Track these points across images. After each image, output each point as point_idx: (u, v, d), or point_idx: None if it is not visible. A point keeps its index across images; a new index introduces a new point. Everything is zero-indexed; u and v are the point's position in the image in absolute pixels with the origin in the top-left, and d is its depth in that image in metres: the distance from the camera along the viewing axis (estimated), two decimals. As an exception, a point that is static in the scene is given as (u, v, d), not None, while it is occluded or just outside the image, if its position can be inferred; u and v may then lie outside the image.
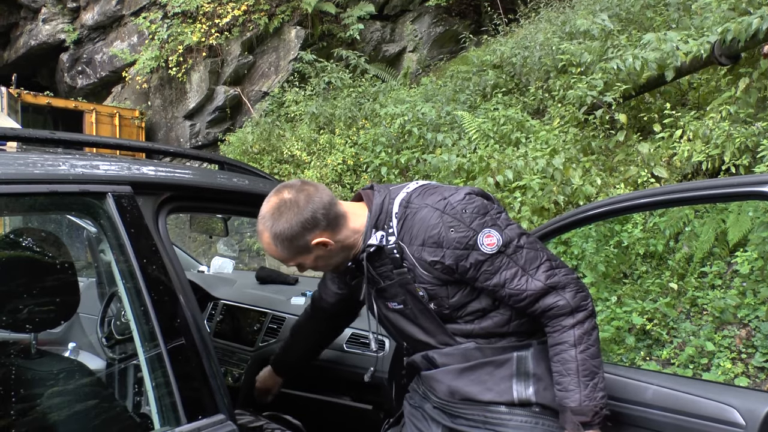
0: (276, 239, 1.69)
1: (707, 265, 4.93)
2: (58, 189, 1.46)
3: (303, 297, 3.29)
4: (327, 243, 1.72)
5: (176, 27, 12.70)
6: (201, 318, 1.60)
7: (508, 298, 1.73)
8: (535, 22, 9.95)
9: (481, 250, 1.68)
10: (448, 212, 1.70)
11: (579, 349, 1.70)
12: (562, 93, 7.32)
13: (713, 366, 4.22)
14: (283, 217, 1.67)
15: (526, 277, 1.70)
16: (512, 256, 1.70)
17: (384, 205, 1.78)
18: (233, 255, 9.45)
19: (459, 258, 1.68)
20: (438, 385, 1.88)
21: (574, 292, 1.73)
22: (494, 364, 1.80)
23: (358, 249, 1.81)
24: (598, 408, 1.70)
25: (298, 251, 1.72)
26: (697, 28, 6.77)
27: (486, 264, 1.69)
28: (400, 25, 13.82)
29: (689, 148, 5.68)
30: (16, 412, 1.55)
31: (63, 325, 2.60)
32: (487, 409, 1.80)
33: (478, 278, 1.71)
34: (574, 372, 1.70)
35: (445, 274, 1.72)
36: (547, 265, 1.73)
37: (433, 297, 1.77)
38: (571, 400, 1.70)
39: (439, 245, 1.68)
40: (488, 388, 1.80)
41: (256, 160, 10.32)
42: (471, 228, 1.68)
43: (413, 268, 1.74)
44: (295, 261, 1.76)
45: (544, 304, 1.72)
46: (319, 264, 1.80)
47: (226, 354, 3.26)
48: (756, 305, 4.36)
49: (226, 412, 1.51)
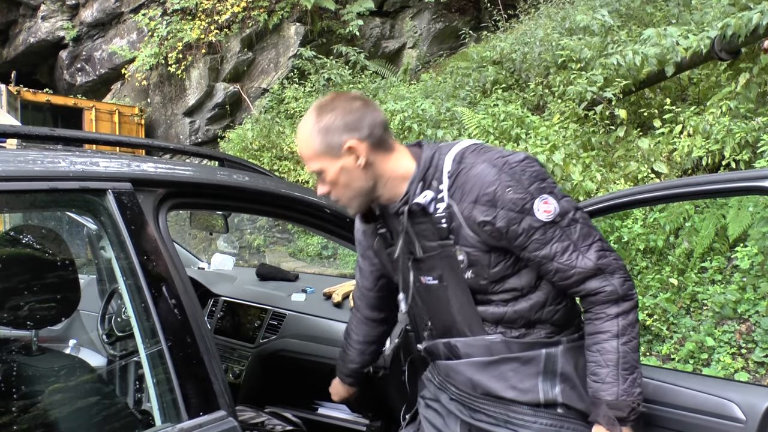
0: (314, 127, 1.62)
1: (707, 260, 4.93)
2: (58, 186, 1.46)
3: (303, 293, 3.30)
4: (358, 153, 1.61)
5: (175, 24, 12.69)
6: (201, 315, 1.60)
7: (554, 273, 1.63)
8: (534, 18, 9.94)
9: (536, 216, 1.57)
10: (506, 171, 1.58)
11: (621, 341, 1.61)
12: (562, 89, 7.32)
13: (713, 361, 4.23)
14: (333, 111, 1.62)
15: (577, 254, 1.60)
16: (566, 228, 1.60)
17: (434, 160, 1.67)
18: (233, 252, 9.46)
19: (511, 221, 1.57)
20: (458, 377, 1.79)
21: (623, 280, 1.63)
22: (520, 360, 1.70)
23: (394, 198, 1.70)
24: (635, 404, 1.62)
25: (328, 150, 1.62)
26: (697, 23, 6.76)
27: (538, 232, 1.59)
28: (399, 22, 13.81)
29: (689, 143, 5.67)
30: (18, 408, 1.55)
31: (64, 322, 2.60)
32: (510, 408, 1.71)
33: (526, 246, 1.60)
34: (613, 364, 1.61)
35: (492, 238, 1.61)
36: (599, 245, 1.63)
37: (473, 264, 1.65)
38: (608, 393, 1.61)
39: (493, 204, 1.57)
40: (512, 386, 1.70)
41: (256, 157, 10.32)
42: (528, 191, 1.58)
43: (459, 228, 1.63)
44: (320, 162, 1.63)
45: (590, 287, 1.63)
46: (340, 180, 1.64)
47: (227, 351, 3.27)
48: (756, 300, 4.36)
49: (227, 409, 1.52)
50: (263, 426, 2.66)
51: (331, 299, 3.16)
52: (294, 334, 3.05)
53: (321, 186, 1.69)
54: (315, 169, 1.65)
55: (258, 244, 9.98)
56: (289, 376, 3.13)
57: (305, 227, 2.29)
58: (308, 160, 1.66)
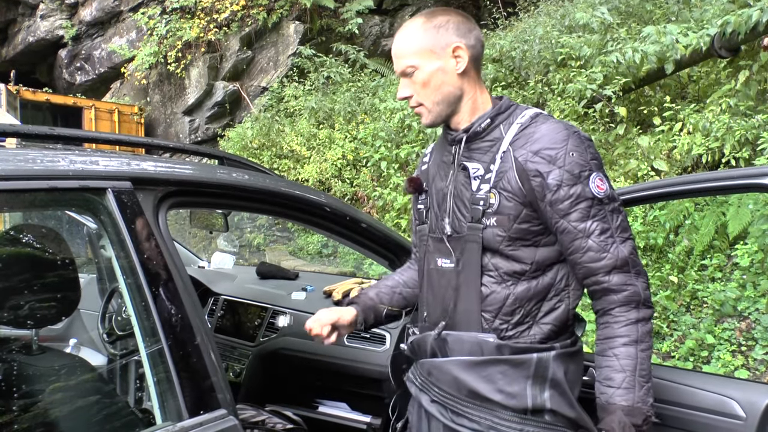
0: (424, 24, 1.67)
1: (707, 258, 4.94)
2: (58, 185, 1.45)
3: (303, 292, 3.30)
4: (460, 57, 1.66)
5: (175, 22, 12.69)
6: (202, 313, 1.60)
7: (585, 252, 1.59)
8: (534, 16, 9.94)
9: (589, 187, 1.57)
10: (576, 137, 1.61)
11: (640, 347, 1.57)
12: (561, 86, 7.32)
13: (713, 358, 4.23)
14: (447, 14, 1.69)
15: (613, 240, 1.58)
16: (610, 213, 1.60)
17: (511, 108, 1.71)
18: (234, 250, 9.45)
19: (564, 182, 1.56)
20: (443, 376, 1.72)
21: (646, 285, 1.62)
22: (510, 363, 1.64)
23: (462, 123, 1.73)
24: (649, 413, 1.56)
25: (433, 46, 1.65)
26: (697, 20, 6.76)
27: (585, 203, 1.57)
28: (399, 20, 13.80)
29: (689, 141, 5.67)
30: (18, 408, 1.56)
31: (64, 321, 2.60)
32: (496, 413, 1.63)
33: (569, 214, 1.58)
34: (631, 370, 1.56)
35: (535, 192, 1.59)
36: (633, 243, 1.63)
37: (500, 211, 1.62)
38: (624, 399, 1.55)
39: (553, 161, 1.57)
40: (499, 389, 1.63)
41: (256, 156, 10.32)
42: (590, 162, 1.59)
43: (505, 171, 1.62)
44: (418, 58, 1.66)
45: (614, 281, 1.59)
46: (432, 81, 1.67)
47: (227, 349, 3.27)
48: (756, 298, 4.37)
49: (228, 407, 1.52)
50: (264, 424, 2.66)
51: (331, 297, 3.16)
52: (294, 333, 3.05)
53: (404, 88, 1.70)
54: (408, 65, 1.66)
55: (258, 243, 9.99)
56: (289, 374, 3.14)
57: (305, 226, 2.28)
58: (404, 56, 1.67)
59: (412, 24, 1.69)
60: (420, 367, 1.83)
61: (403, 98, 1.71)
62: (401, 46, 1.68)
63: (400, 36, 1.70)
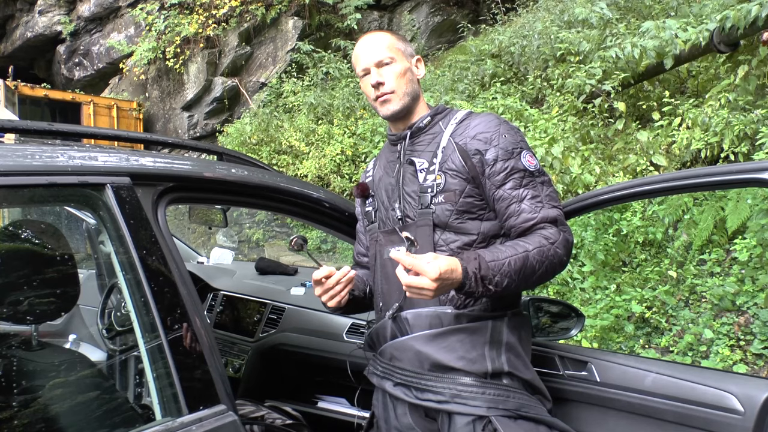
0: (395, 34, 2.00)
1: (706, 252, 4.94)
2: (57, 181, 1.45)
3: (303, 287, 3.30)
4: (419, 67, 2.02)
5: (173, 18, 12.67)
6: (201, 309, 1.60)
7: (519, 214, 1.77)
8: (533, 11, 9.92)
9: (521, 161, 1.80)
10: (506, 124, 1.87)
11: (533, 252, 1.69)
12: (560, 82, 7.31)
13: (712, 353, 4.24)
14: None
15: (542, 205, 1.78)
16: (540, 185, 1.81)
17: (447, 110, 2.00)
18: (233, 246, 9.47)
19: (500, 157, 1.79)
20: (404, 354, 1.83)
21: (567, 242, 1.77)
22: (467, 330, 1.78)
23: (409, 122, 1.98)
24: (488, 283, 1.63)
25: (405, 50, 1.97)
26: (696, 15, 6.75)
27: (518, 174, 1.79)
28: (397, 15, 13.78)
29: (688, 135, 5.67)
30: (18, 403, 1.56)
31: (63, 316, 2.60)
32: (458, 381, 1.75)
33: (504, 183, 1.78)
34: (517, 258, 1.67)
35: (476, 168, 1.81)
36: (561, 211, 1.82)
37: (447, 188, 1.82)
38: (488, 260, 1.65)
39: (489, 142, 1.81)
40: (460, 356, 1.76)
41: (255, 151, 10.31)
42: (520, 142, 1.84)
43: (449, 155, 1.85)
44: (396, 53, 1.92)
45: (543, 231, 1.76)
46: (406, 75, 1.93)
47: (227, 345, 3.28)
48: (754, 292, 4.37)
49: (228, 403, 1.52)
50: (263, 420, 2.67)
51: None
52: (293, 328, 3.05)
53: (379, 76, 1.91)
54: (388, 56, 1.91)
55: (257, 238, 9.99)
56: (288, 369, 3.14)
57: (304, 221, 2.28)
58: (382, 49, 1.92)
59: (382, 32, 2.01)
60: (381, 355, 1.93)
61: (379, 83, 1.90)
62: (379, 41, 1.94)
63: (374, 36, 1.97)
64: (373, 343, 1.99)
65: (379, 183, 2.04)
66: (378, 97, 1.93)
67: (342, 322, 2.91)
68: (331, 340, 2.89)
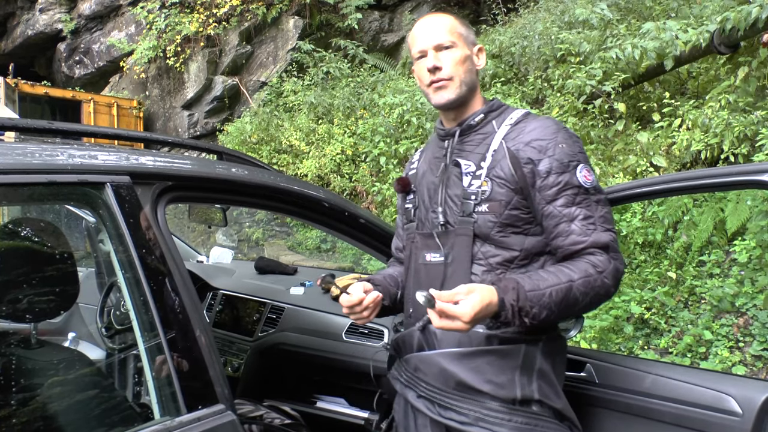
0: (458, 18, 1.84)
1: (706, 254, 4.94)
2: (57, 179, 1.45)
3: (302, 287, 3.30)
4: (479, 57, 1.85)
5: (174, 17, 12.66)
6: (200, 308, 1.60)
7: (568, 235, 1.64)
8: (534, 12, 9.92)
9: (576, 176, 1.66)
10: (565, 131, 1.72)
11: (578, 283, 1.58)
12: (561, 82, 7.31)
13: (711, 354, 4.24)
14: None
15: (595, 227, 1.64)
16: (595, 203, 1.67)
17: (502, 108, 1.83)
18: (232, 245, 9.47)
19: (553, 169, 1.65)
20: (430, 369, 1.72)
21: (618, 271, 1.65)
22: (498, 353, 1.65)
23: (462, 117, 1.84)
24: (525, 315, 1.53)
25: (467, 36, 1.81)
26: (697, 17, 6.76)
27: (571, 190, 1.65)
28: (398, 15, 13.77)
29: (688, 137, 5.67)
30: (17, 401, 1.56)
31: (63, 315, 2.60)
32: (484, 405, 1.63)
33: (555, 199, 1.65)
34: (559, 289, 1.56)
35: (526, 178, 1.67)
36: (614, 235, 1.69)
37: (493, 197, 1.69)
38: (527, 289, 1.54)
39: (543, 151, 1.67)
40: (488, 379, 1.64)
41: (255, 150, 10.31)
42: (578, 154, 1.69)
43: (498, 160, 1.71)
44: (457, 38, 1.78)
45: (591, 258, 1.63)
46: (465, 63, 1.79)
47: (226, 344, 3.27)
48: (754, 294, 4.37)
49: (226, 402, 1.52)
50: (262, 419, 2.67)
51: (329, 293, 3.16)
52: (293, 328, 3.05)
53: (437, 60, 1.76)
54: (450, 40, 1.77)
55: (257, 238, 9.99)
56: (287, 369, 3.14)
57: (304, 221, 2.28)
58: (443, 32, 1.77)
59: (445, 15, 1.83)
60: (405, 363, 1.83)
61: (436, 67, 1.75)
62: (441, 23, 1.79)
63: (436, 17, 1.81)
64: (398, 348, 1.89)
65: (422, 179, 1.92)
66: (432, 83, 1.78)
67: (341, 322, 2.91)
68: (331, 340, 2.89)
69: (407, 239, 1.92)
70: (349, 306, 1.78)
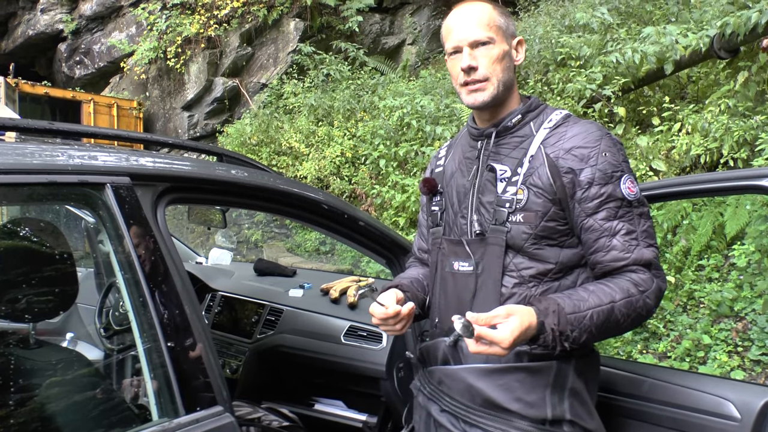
0: (497, 8, 1.67)
1: (705, 258, 4.94)
2: (57, 179, 1.45)
3: (301, 289, 3.30)
4: (519, 51, 1.70)
5: (175, 18, 12.68)
6: (199, 309, 1.60)
7: (608, 251, 1.54)
8: (534, 15, 9.93)
9: (620, 188, 1.55)
10: (609, 138, 1.60)
11: (619, 304, 1.49)
12: (561, 86, 7.32)
13: (709, 359, 4.24)
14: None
15: (637, 243, 1.54)
16: (638, 217, 1.56)
17: (541, 107, 1.70)
18: (231, 246, 9.46)
19: (595, 180, 1.54)
20: (455, 384, 1.64)
21: (660, 289, 1.56)
22: (528, 370, 1.56)
23: (497, 116, 1.70)
24: (565, 339, 1.45)
25: (506, 29, 1.66)
26: (697, 21, 6.77)
27: (614, 203, 1.54)
28: (399, 18, 13.80)
29: (688, 141, 5.68)
30: (15, 401, 1.55)
31: (61, 315, 2.60)
32: (512, 424, 1.54)
33: (596, 213, 1.54)
34: (600, 311, 1.47)
35: (566, 189, 1.56)
36: (657, 251, 1.59)
37: (528, 207, 1.57)
38: (567, 312, 1.46)
39: (585, 160, 1.55)
40: (517, 397, 1.55)
41: (255, 152, 10.31)
42: (622, 164, 1.58)
43: (536, 168, 1.58)
44: (494, 33, 1.63)
45: (633, 275, 1.54)
46: (503, 61, 1.64)
47: (224, 346, 3.27)
48: (753, 298, 4.37)
49: (224, 404, 1.52)
50: (260, 421, 2.67)
51: (328, 295, 3.16)
52: (291, 330, 3.05)
53: (472, 59, 1.62)
54: (487, 36, 1.62)
55: (256, 239, 9.98)
56: (286, 371, 3.14)
57: (303, 223, 2.28)
58: (484, 24, 1.62)
59: (482, 4, 1.66)
60: (429, 375, 1.76)
61: (471, 68, 1.62)
62: (479, 14, 1.63)
63: (473, 7, 1.65)
64: (423, 359, 1.81)
65: (451, 180, 1.79)
66: (467, 83, 1.64)
67: (340, 324, 2.91)
68: (329, 342, 2.89)
69: (433, 245, 1.82)
70: (383, 318, 1.64)
